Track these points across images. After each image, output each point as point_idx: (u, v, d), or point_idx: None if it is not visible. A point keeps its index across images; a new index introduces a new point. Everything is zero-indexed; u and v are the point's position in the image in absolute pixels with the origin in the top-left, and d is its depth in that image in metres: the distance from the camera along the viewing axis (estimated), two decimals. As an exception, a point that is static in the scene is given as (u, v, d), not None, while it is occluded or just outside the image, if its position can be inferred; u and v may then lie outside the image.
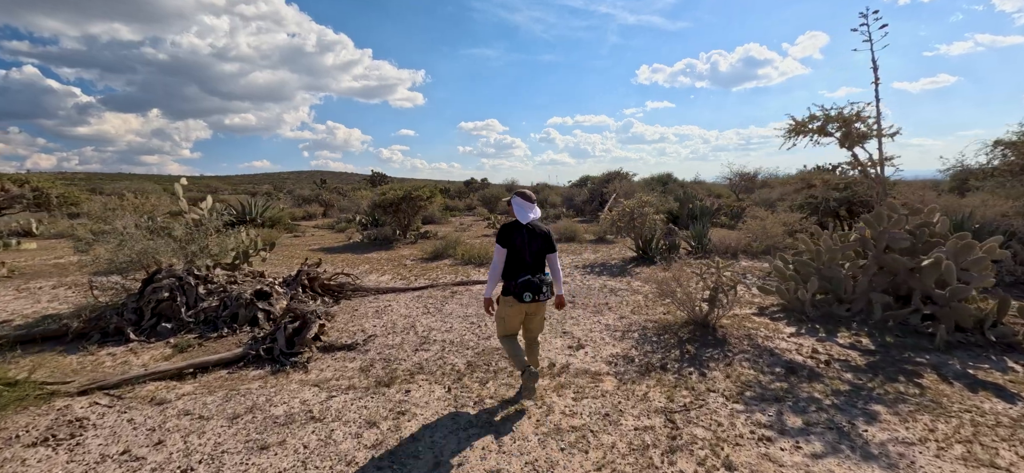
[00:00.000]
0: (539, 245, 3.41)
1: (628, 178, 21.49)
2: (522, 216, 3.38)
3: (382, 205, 13.11)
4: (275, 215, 17.55)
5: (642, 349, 4.85)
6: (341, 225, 17.21)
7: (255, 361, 4.73)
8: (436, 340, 5.25)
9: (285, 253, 11.82)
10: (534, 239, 3.38)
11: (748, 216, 12.48)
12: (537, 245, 3.39)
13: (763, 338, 5.06)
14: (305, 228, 17.75)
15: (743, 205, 16.28)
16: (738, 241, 10.26)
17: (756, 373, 4.25)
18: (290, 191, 31.90)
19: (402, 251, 11.84)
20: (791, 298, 5.90)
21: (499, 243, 3.36)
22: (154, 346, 5.26)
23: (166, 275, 5.88)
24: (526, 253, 3.33)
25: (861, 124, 6.11)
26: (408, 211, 13.28)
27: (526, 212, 3.40)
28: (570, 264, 9.71)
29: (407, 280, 8.39)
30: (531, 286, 3.24)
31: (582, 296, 6.99)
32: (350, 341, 5.17)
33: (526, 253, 3.33)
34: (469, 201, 27.70)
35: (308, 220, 21.93)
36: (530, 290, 3.24)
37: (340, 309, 6.60)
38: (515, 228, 3.35)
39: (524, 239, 3.34)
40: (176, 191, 7.07)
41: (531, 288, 3.24)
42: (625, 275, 8.48)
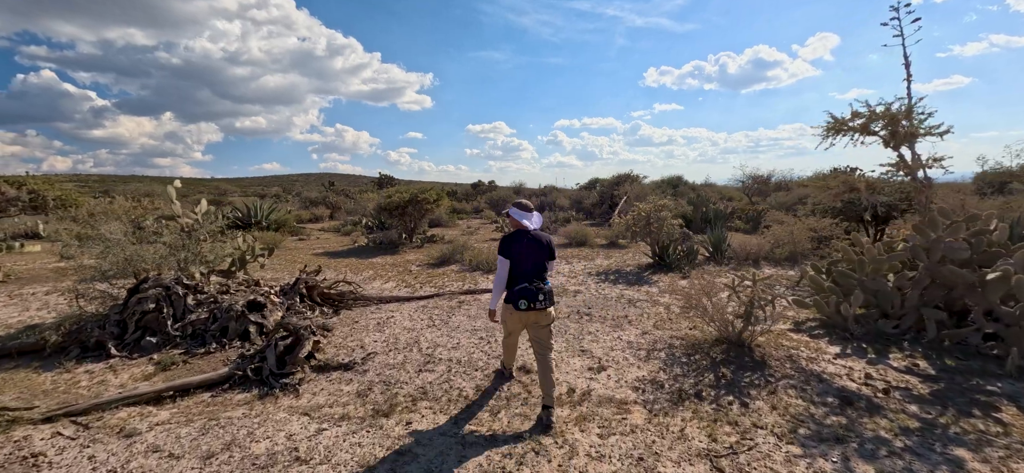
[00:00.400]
0: (540, 254, 3.36)
1: (639, 181, 20.89)
2: (526, 224, 3.38)
3: (388, 208, 12.63)
4: (280, 218, 17.15)
5: (671, 372, 4.29)
6: (347, 228, 16.78)
7: (242, 382, 4.23)
8: (441, 359, 4.72)
9: (288, 258, 11.37)
10: (534, 249, 3.34)
11: (769, 220, 11.84)
12: (538, 254, 3.34)
13: (806, 360, 4.48)
14: (310, 231, 17.33)
15: (761, 209, 15.62)
16: (759, 247, 9.65)
17: (806, 404, 3.68)
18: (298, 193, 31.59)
19: (408, 256, 11.35)
20: (831, 313, 5.32)
21: (500, 254, 3.37)
22: (136, 363, 4.79)
23: (153, 284, 5.41)
24: (526, 262, 3.30)
25: (910, 121, 5.50)
26: (414, 214, 12.79)
27: (528, 220, 3.39)
28: (583, 271, 9.15)
29: (412, 288, 7.88)
30: (526, 294, 3.19)
31: (599, 308, 6.43)
32: (347, 359, 4.66)
33: (526, 262, 3.30)
34: (476, 204, 27.22)
35: (314, 223, 21.55)
36: (525, 298, 3.19)
37: (340, 321, 6.10)
38: (515, 238, 3.35)
39: (524, 248, 3.32)
40: (168, 194, 6.63)
41: (526, 296, 3.19)
42: (643, 283, 7.92)
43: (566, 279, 8.39)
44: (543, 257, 3.40)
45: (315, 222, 21.85)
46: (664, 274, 8.61)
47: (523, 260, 3.31)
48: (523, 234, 3.38)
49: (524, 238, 3.35)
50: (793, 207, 14.30)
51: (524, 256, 3.31)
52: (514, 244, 3.33)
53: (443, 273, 9.08)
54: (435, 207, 13.01)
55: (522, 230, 3.42)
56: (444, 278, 8.60)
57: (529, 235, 3.38)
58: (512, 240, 3.36)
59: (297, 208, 25.20)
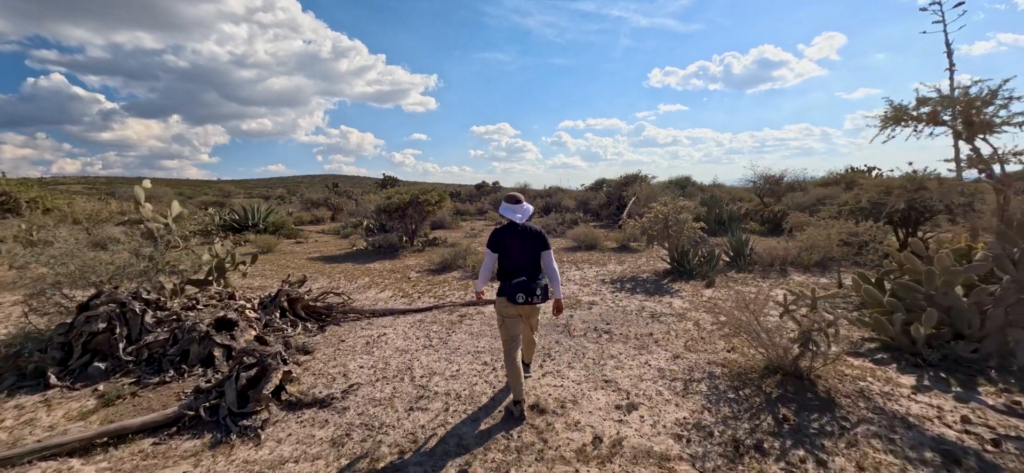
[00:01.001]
0: (531, 245, 3.28)
1: (647, 181, 20.00)
2: (514, 217, 3.29)
3: (387, 210, 11.83)
4: (279, 220, 16.40)
5: (718, 411, 3.45)
6: (346, 231, 16.00)
7: (194, 424, 3.43)
8: (437, 391, 3.90)
9: (281, 263, 10.58)
10: (525, 240, 3.27)
11: (792, 222, 10.95)
12: (528, 246, 3.27)
13: (881, 396, 3.63)
14: (309, 234, 16.55)
15: (778, 209, 14.72)
16: (786, 251, 8.77)
17: (901, 462, 2.83)
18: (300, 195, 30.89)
19: (407, 261, 10.53)
20: (896, 333, 4.46)
21: (488, 247, 3.35)
22: (78, 395, 3.99)
23: (106, 300, 4.61)
24: (517, 254, 3.24)
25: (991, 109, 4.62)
26: (415, 216, 11.99)
27: (514, 213, 3.30)
28: (595, 278, 8.31)
29: (409, 298, 7.06)
30: (524, 288, 3.16)
31: (619, 324, 5.59)
32: (325, 393, 3.84)
33: (517, 254, 3.24)
34: (480, 205, 26.38)
35: (315, 225, 20.79)
36: (523, 291, 3.16)
37: (324, 339, 5.29)
38: (503, 231, 3.31)
39: (513, 240, 3.27)
40: (136, 195, 5.83)
41: (524, 290, 3.16)
42: (663, 294, 7.06)
43: (578, 287, 7.55)
44: (535, 248, 3.30)
45: (316, 224, 21.10)
46: (685, 282, 7.75)
47: (513, 252, 3.26)
48: (513, 226, 3.31)
49: (514, 230, 3.29)
50: (813, 208, 13.39)
51: (513, 248, 3.26)
52: (503, 236, 3.29)
53: (444, 281, 8.25)
54: (437, 209, 12.20)
55: (512, 223, 3.34)
56: (445, 287, 7.77)
57: (519, 227, 3.30)
58: (501, 233, 3.31)
59: (299, 210, 24.46)
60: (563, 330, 5.38)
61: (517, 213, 3.33)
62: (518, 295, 3.17)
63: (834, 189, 15.68)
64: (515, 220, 3.31)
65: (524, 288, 3.17)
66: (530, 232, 3.32)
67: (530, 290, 3.17)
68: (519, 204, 3.36)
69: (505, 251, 3.29)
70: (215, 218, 15.74)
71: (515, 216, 3.32)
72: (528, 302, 3.19)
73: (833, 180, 18.14)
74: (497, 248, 3.32)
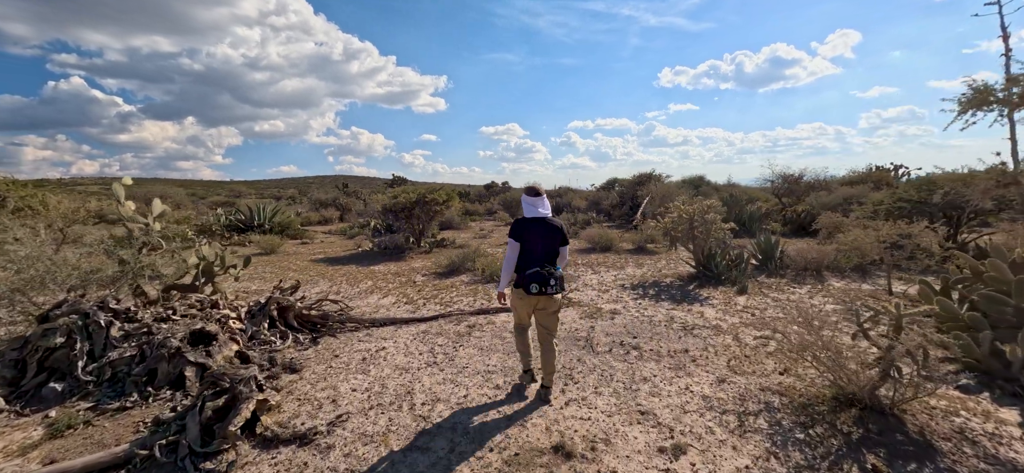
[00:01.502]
0: (551, 239, 3.26)
1: (661, 180, 19.21)
2: (531, 211, 3.27)
3: (393, 210, 11.22)
4: (285, 221, 15.89)
5: (788, 457, 2.74)
6: (352, 231, 15.43)
7: (146, 466, 2.80)
8: (442, 422, 3.24)
9: (282, 264, 10.00)
10: (546, 233, 3.24)
11: (823, 224, 10.15)
12: (549, 239, 3.25)
13: (987, 437, 2.90)
14: (315, 234, 16.01)
15: (805, 210, 13.87)
16: (821, 255, 8.00)
17: (1050, 541, 2.11)
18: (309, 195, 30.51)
19: (414, 263, 9.90)
20: (985, 356, 3.71)
21: (511, 237, 3.27)
22: (25, 422, 3.39)
23: (67, 310, 4.02)
24: (537, 247, 3.22)
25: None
26: (422, 217, 11.36)
27: (535, 207, 3.28)
28: (614, 282, 7.62)
29: (414, 305, 6.42)
30: (538, 278, 3.14)
31: (647, 337, 4.90)
32: (307, 426, 3.19)
33: (537, 247, 3.22)
34: (490, 205, 25.74)
35: (323, 225, 20.28)
36: (537, 281, 3.13)
37: (316, 354, 4.66)
38: (526, 223, 3.25)
39: (535, 234, 3.23)
40: (115, 193, 5.26)
41: (538, 280, 3.14)
42: (692, 300, 6.35)
43: (597, 294, 6.86)
44: (554, 242, 3.29)
45: (324, 224, 20.60)
46: (713, 288, 7.02)
47: (534, 244, 3.23)
48: (535, 219, 3.26)
49: (536, 223, 3.25)
50: (842, 207, 12.55)
51: (535, 240, 3.23)
52: (525, 229, 3.24)
53: (451, 285, 7.61)
54: (444, 208, 11.56)
55: (534, 215, 3.28)
56: (452, 292, 7.12)
57: (540, 220, 3.26)
58: (523, 225, 3.26)
59: (307, 210, 24.01)
60: (585, 345, 4.70)
61: (540, 207, 3.29)
62: (532, 285, 3.16)
63: (861, 188, 14.78)
64: (538, 214, 3.26)
65: (537, 278, 3.15)
66: (552, 225, 3.29)
67: (544, 280, 3.14)
68: (540, 197, 3.32)
69: (527, 242, 3.24)
70: (222, 218, 15.28)
71: (538, 210, 3.28)
72: (542, 292, 3.16)
73: (857, 179, 17.21)
74: (520, 239, 3.26)
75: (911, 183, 9.77)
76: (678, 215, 7.76)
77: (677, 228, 7.83)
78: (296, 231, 15.34)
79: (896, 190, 10.20)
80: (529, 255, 3.25)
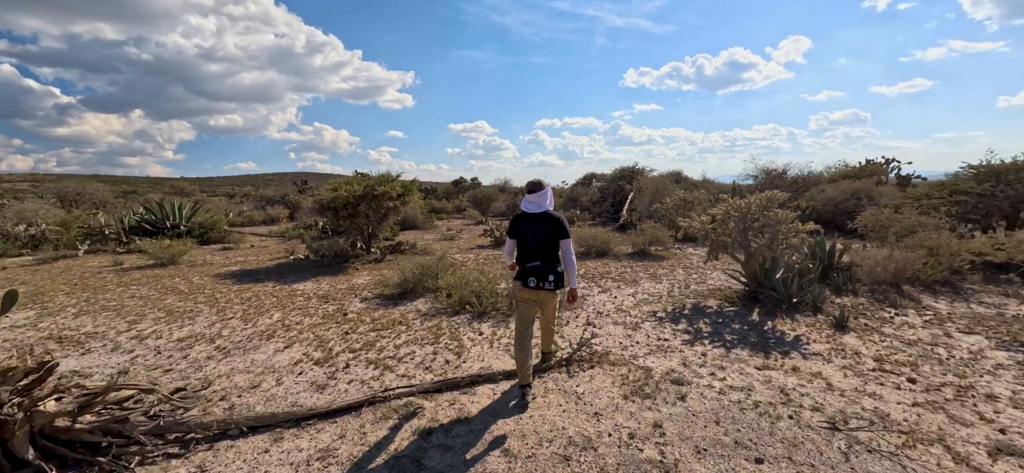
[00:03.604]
0: (547, 233, 2.99)
1: (646, 174, 16.94)
2: (528, 207, 3.05)
3: (332, 207, 8.26)
4: (209, 220, 12.55)
5: None
6: (294, 232, 12.31)
7: None
8: None
9: (165, 284, 6.89)
10: (543, 228, 3.00)
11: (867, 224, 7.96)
12: (545, 233, 3.00)
13: None
14: (247, 237, 12.74)
15: (808, 206, 11.79)
16: (902, 264, 5.70)
17: None
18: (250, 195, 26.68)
19: (356, 277, 7.03)
20: None
21: (507, 234, 3.17)
22: None
23: None
24: (533, 241, 3.02)
25: None
26: (371, 215, 8.45)
27: (532, 203, 3.04)
28: (636, 306, 5.09)
29: (329, 366, 3.63)
30: (535, 272, 2.96)
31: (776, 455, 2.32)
32: None
33: (533, 241, 3.02)
34: (458, 202, 22.85)
35: (269, 226, 16.89)
36: (534, 276, 2.96)
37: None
38: (521, 218, 3.08)
39: (531, 228, 3.02)
40: None
41: (535, 274, 2.96)
42: (778, 346, 3.87)
43: (623, 333, 4.28)
44: (552, 236, 3.00)
45: (270, 225, 17.19)
46: (788, 318, 4.58)
47: (531, 239, 3.02)
48: (531, 214, 3.03)
49: (532, 218, 3.03)
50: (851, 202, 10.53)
51: (532, 235, 3.01)
52: (522, 223, 3.06)
53: (400, 319, 4.83)
54: (400, 204, 8.69)
55: (531, 210, 3.04)
56: (399, 336, 4.36)
57: (537, 215, 3.02)
58: (521, 219, 3.07)
59: (251, 208, 20.44)
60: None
61: (538, 202, 3.03)
62: (529, 279, 2.97)
63: (866, 182, 12.93)
64: (536, 209, 3.01)
65: (534, 273, 2.96)
66: (547, 219, 3.00)
67: (541, 275, 2.94)
68: (537, 192, 3.06)
69: (522, 237, 3.06)
70: (126, 220, 11.78)
71: (535, 205, 3.03)
72: (539, 287, 2.96)
73: (850, 173, 15.49)
74: (515, 234, 3.10)
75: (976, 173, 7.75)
76: (727, 211, 5.27)
77: (723, 231, 5.34)
78: (222, 233, 12.05)
79: (952, 183, 8.16)
80: (527, 249, 3.05)
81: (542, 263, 2.96)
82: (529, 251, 3.04)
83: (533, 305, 3.09)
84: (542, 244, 2.99)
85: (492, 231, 10.72)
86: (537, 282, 2.95)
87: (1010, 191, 7.02)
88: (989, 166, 7.73)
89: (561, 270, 2.99)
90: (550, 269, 2.94)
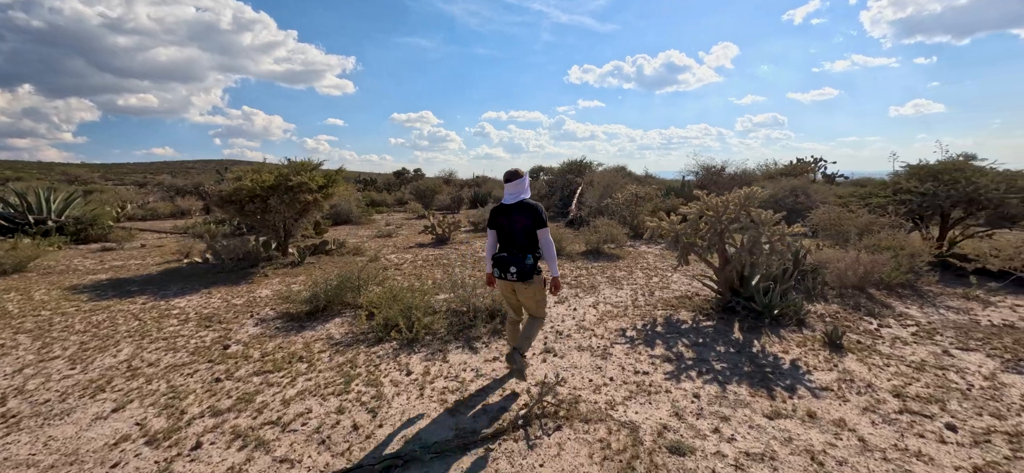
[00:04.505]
0: (525, 222, 2.88)
1: (592, 168, 16.38)
2: (506, 198, 2.97)
3: (236, 200, 6.67)
4: (90, 214, 10.24)
5: None
6: (198, 229, 10.36)
7: None
8: None
9: (23, 290, 5.10)
10: (519, 217, 2.89)
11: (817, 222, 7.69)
12: (522, 223, 2.88)
13: None
14: (135, 235, 10.57)
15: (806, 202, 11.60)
16: (870, 267, 5.27)
17: None
18: (160, 183, 23.38)
19: (261, 289, 5.62)
20: None
21: (488, 226, 3.07)
22: None
23: None
24: (509, 231, 2.91)
25: None
26: (284, 211, 6.96)
27: (509, 193, 2.96)
28: (600, 321, 4.22)
29: (173, 445, 2.37)
30: (500, 263, 2.87)
31: None
32: None
33: (509, 231, 2.91)
34: (400, 195, 21.18)
35: (174, 219, 14.45)
36: (499, 267, 2.88)
37: None
38: (498, 209, 3.00)
39: (507, 218, 2.92)
40: None
41: (499, 265, 2.88)
42: (775, 375, 3.12)
43: (590, 362, 3.37)
44: (527, 225, 2.87)
45: (178, 218, 14.72)
46: (772, 335, 3.89)
47: (506, 229, 2.92)
48: (508, 205, 2.94)
49: (508, 208, 2.92)
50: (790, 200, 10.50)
51: (506, 225, 2.92)
52: (500, 215, 2.98)
53: (303, 350, 3.60)
54: (322, 198, 7.26)
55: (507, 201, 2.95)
56: (292, 383, 3.15)
57: (514, 205, 2.91)
58: (498, 212, 2.99)
59: (157, 199, 17.63)
60: None
61: (514, 192, 2.94)
62: (495, 269, 2.93)
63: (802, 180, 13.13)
64: (512, 200, 2.93)
65: (500, 263, 2.86)
66: (524, 209, 2.89)
67: (504, 265, 2.84)
68: (513, 182, 2.95)
69: (501, 228, 2.96)
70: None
71: (511, 196, 2.94)
72: (503, 277, 2.88)
73: (785, 171, 15.85)
74: (494, 225, 3.01)
75: (915, 172, 7.70)
76: (704, 209, 4.50)
77: (693, 234, 4.57)
78: (104, 230, 9.84)
79: (895, 181, 8.08)
80: (505, 239, 2.95)
81: (509, 253, 2.89)
82: (506, 241, 2.97)
83: (513, 295, 3.04)
84: (518, 234, 2.91)
85: (434, 227, 9.51)
86: (501, 273, 2.89)
87: (952, 191, 6.94)
88: (928, 166, 7.72)
89: (530, 262, 2.85)
90: (513, 259, 2.83)
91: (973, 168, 7.35)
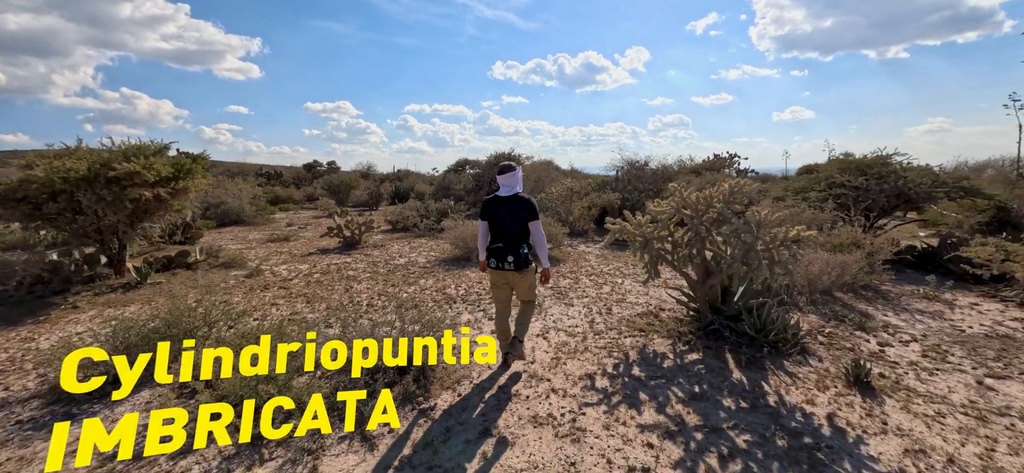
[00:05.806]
0: (519, 215, 2.86)
1: (521, 162, 15.27)
2: (501, 190, 2.93)
3: (22, 198, 4.43)
4: None
5: None
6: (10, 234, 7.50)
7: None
8: None
9: None
10: (511, 210, 2.87)
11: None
12: (516, 215, 2.87)
13: None
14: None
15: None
16: (840, 270, 4.64)
17: None
18: None
19: (52, 332, 3.60)
20: None
21: (480, 217, 3.04)
22: None
23: None
24: (503, 223, 2.89)
25: None
26: (107, 212, 4.82)
27: (503, 185, 2.93)
28: (555, 358, 3.00)
29: None
30: (496, 254, 2.86)
31: None
32: None
33: (503, 223, 2.89)
34: (311, 190, 18.43)
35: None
36: (495, 257, 2.87)
37: None
38: (493, 202, 2.95)
39: (502, 211, 2.89)
40: None
41: (495, 255, 2.87)
42: (823, 454, 2.07)
43: (556, 453, 2.09)
44: (521, 216, 2.86)
45: None
46: (780, 373, 2.91)
47: (502, 221, 2.89)
48: (501, 197, 2.92)
49: (501, 200, 2.91)
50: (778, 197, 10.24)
51: (503, 217, 2.89)
52: (492, 207, 2.94)
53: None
54: (169, 194, 5.18)
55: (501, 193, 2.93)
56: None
57: (507, 198, 2.90)
58: (490, 204, 2.95)
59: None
60: None
61: (508, 184, 2.91)
62: (491, 260, 2.90)
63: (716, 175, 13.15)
64: (505, 192, 2.91)
65: (493, 254, 2.87)
66: (517, 201, 2.88)
67: (500, 256, 2.83)
68: (506, 174, 2.91)
69: (494, 219, 2.93)
70: None
71: (504, 189, 2.92)
72: (499, 268, 2.86)
73: (704, 167, 16.01)
74: (487, 216, 2.97)
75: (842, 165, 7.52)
76: (677, 209, 3.41)
77: (671, 241, 3.49)
78: None
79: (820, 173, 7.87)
80: (498, 231, 2.92)
81: (504, 245, 2.86)
82: (499, 233, 2.93)
83: (506, 286, 3.00)
84: (512, 226, 2.88)
85: (340, 229, 7.65)
86: (497, 263, 2.86)
87: (884, 185, 6.77)
88: (856, 160, 7.61)
89: (524, 252, 2.85)
90: (510, 250, 2.83)
91: (896, 164, 7.33)
